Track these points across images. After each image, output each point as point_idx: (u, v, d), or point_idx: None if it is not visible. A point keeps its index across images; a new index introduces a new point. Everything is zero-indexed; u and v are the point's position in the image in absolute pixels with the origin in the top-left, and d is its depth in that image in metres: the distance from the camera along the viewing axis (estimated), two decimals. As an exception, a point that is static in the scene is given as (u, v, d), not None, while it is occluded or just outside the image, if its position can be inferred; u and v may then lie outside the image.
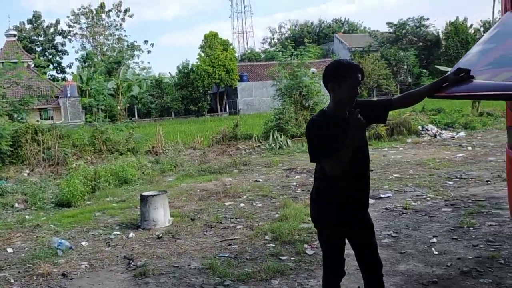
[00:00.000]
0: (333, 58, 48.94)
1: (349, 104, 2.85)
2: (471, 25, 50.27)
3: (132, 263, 5.10)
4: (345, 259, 3.06)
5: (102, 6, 62.39)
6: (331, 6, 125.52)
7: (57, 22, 63.55)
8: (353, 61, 2.92)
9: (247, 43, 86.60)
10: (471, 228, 5.50)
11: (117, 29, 63.74)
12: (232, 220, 6.74)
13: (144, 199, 6.55)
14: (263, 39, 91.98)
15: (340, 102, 2.86)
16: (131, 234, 6.23)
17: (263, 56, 63.95)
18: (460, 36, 46.24)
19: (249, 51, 69.54)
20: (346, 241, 3.06)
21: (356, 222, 2.98)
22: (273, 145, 14.73)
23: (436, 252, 4.82)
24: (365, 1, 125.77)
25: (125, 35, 64.76)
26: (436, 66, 32.81)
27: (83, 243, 5.99)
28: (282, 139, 14.96)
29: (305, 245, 5.23)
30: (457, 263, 4.49)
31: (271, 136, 15.16)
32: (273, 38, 75.58)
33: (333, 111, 2.89)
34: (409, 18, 49.90)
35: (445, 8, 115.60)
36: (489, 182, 7.80)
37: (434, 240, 5.21)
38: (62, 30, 64.21)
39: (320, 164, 2.93)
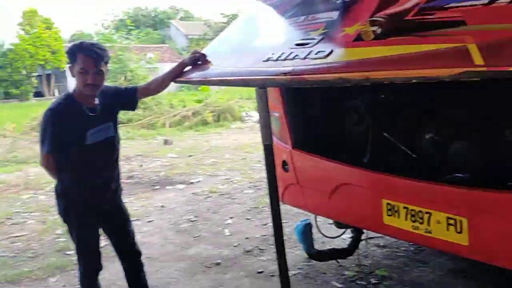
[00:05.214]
0: (169, 44, 48.41)
1: (86, 90, 2.60)
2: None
3: None
4: (101, 252, 2.89)
5: None
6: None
7: None
8: (98, 45, 2.62)
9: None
10: (265, 208, 5.80)
11: None
12: (25, 215, 6.08)
13: None
14: (97, 21, 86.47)
15: (78, 88, 2.62)
16: None
17: (96, 38, 60.07)
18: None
19: (80, 32, 64.75)
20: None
21: (109, 212, 2.82)
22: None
23: (228, 233, 4.96)
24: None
25: None
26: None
27: None
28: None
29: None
30: (244, 242, 4.67)
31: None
32: (106, 20, 71.57)
33: (77, 96, 2.65)
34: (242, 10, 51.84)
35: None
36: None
37: (230, 221, 5.37)
38: None
39: (56, 158, 2.65)
